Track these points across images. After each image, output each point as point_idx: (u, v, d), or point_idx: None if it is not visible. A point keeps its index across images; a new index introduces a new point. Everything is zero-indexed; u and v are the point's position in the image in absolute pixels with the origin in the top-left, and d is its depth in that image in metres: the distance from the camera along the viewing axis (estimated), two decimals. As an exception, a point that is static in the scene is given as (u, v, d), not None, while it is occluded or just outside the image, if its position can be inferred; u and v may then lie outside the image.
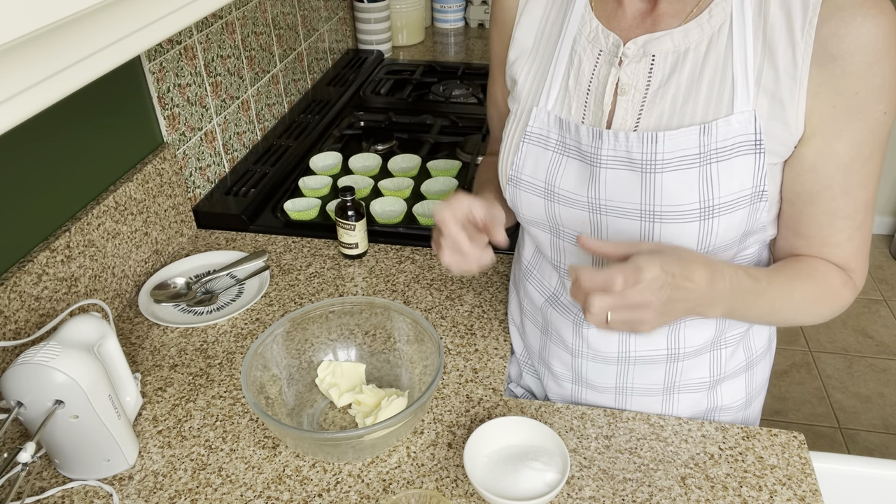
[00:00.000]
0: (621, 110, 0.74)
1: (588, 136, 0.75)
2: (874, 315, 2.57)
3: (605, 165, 0.74)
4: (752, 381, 0.92)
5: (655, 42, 0.72)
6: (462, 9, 2.41)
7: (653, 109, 0.72)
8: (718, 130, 0.69)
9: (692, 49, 0.71)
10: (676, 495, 0.79)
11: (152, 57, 1.16)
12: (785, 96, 0.68)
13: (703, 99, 0.71)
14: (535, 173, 0.80)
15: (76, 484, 0.83)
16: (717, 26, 0.70)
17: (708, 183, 0.71)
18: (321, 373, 0.94)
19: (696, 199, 0.71)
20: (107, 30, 0.50)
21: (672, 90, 0.72)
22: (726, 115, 0.69)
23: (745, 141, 0.70)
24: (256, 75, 1.54)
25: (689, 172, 0.71)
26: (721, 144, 0.70)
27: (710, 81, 0.70)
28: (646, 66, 0.73)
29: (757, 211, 0.73)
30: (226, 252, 1.22)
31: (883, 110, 0.68)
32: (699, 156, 0.70)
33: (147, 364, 1.01)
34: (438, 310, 1.09)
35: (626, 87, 0.74)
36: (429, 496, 0.76)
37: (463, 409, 0.92)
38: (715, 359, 0.88)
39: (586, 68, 0.76)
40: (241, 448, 0.87)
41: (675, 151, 0.71)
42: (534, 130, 0.80)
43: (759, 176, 0.71)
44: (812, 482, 0.81)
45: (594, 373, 0.90)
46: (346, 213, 1.15)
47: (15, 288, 0.90)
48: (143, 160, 1.17)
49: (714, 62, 0.70)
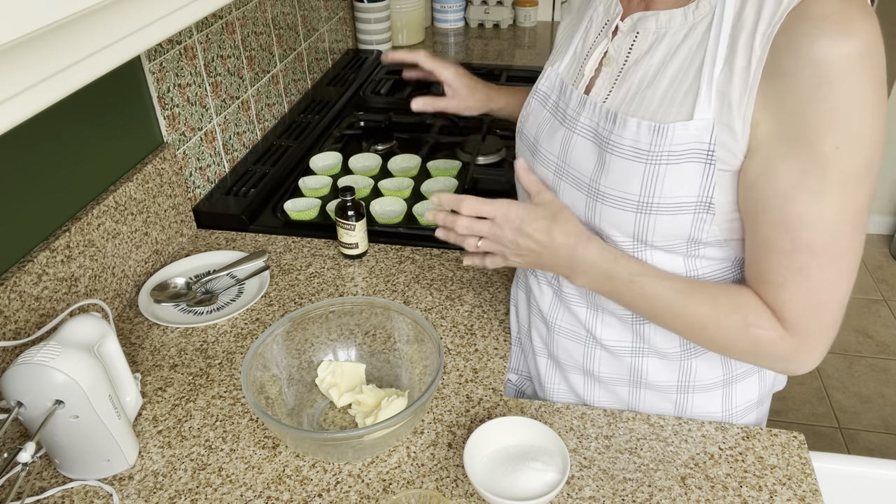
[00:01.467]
0: (601, 80, 0.77)
1: (576, 101, 0.79)
2: (874, 315, 2.57)
3: (578, 132, 0.78)
4: (731, 400, 0.88)
5: (644, 20, 0.74)
6: (462, 9, 2.41)
7: (622, 86, 0.75)
8: (675, 134, 0.68)
9: (670, 34, 0.71)
10: (676, 495, 0.79)
11: (152, 57, 1.16)
12: (734, 101, 0.65)
13: (662, 89, 0.70)
14: (532, 128, 0.86)
15: (76, 484, 0.83)
16: (699, 18, 0.69)
17: (651, 180, 0.70)
18: (321, 373, 0.94)
19: (636, 191, 0.71)
20: (107, 30, 0.50)
21: (641, 71, 0.73)
22: (685, 120, 0.68)
23: (698, 149, 0.68)
24: (256, 75, 1.54)
25: (636, 164, 0.71)
26: (675, 148, 0.69)
27: (675, 73, 0.70)
28: (629, 42, 0.75)
29: (703, 222, 0.72)
30: (226, 252, 1.22)
31: (833, 145, 0.62)
32: (648, 153, 0.70)
33: (147, 364, 1.01)
34: (438, 310, 1.09)
35: (610, 58, 0.77)
36: (429, 496, 0.76)
37: (463, 409, 0.92)
38: (686, 367, 0.86)
39: (591, 35, 0.81)
40: (241, 448, 0.87)
41: (625, 138, 0.72)
42: (541, 88, 0.86)
43: (706, 186, 0.69)
44: (812, 482, 0.81)
45: (563, 351, 0.92)
46: (346, 213, 1.15)
47: (15, 288, 0.90)
48: (143, 160, 1.17)
49: (685, 54, 0.70)
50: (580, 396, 0.94)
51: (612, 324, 0.86)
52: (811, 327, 0.70)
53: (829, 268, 0.67)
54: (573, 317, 0.89)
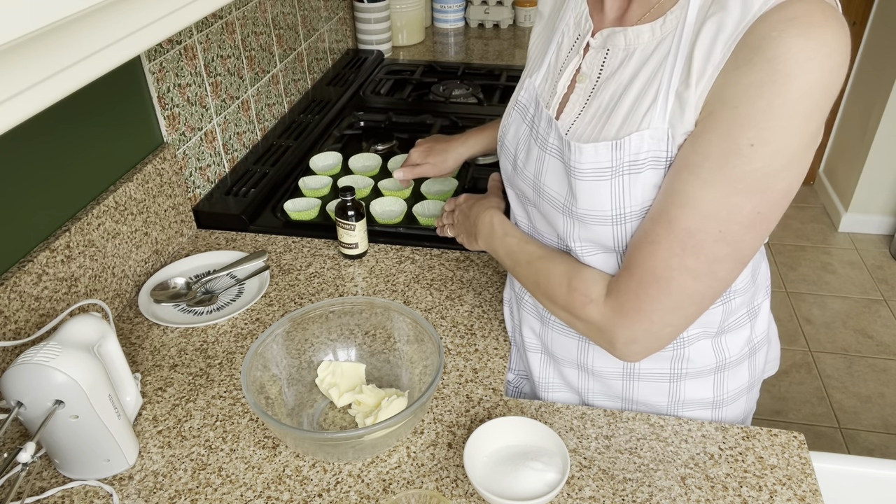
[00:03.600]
0: (575, 95, 0.77)
1: (545, 121, 0.79)
2: (874, 315, 2.57)
3: (549, 153, 0.78)
4: (722, 385, 0.89)
5: (613, 36, 0.73)
6: (462, 9, 2.41)
7: (593, 102, 0.75)
8: (631, 145, 0.69)
9: (639, 51, 0.71)
10: (676, 495, 0.79)
11: (152, 57, 1.16)
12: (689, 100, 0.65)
13: (627, 105, 0.70)
14: (512, 141, 0.86)
15: (76, 484, 0.83)
16: (665, 34, 0.69)
17: (619, 192, 0.71)
18: (321, 373, 0.94)
19: (608, 207, 0.72)
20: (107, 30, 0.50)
21: (612, 87, 0.73)
22: (639, 130, 0.68)
23: (656, 157, 0.68)
24: (256, 75, 1.54)
25: (602, 183, 0.71)
26: (632, 158, 0.69)
27: (640, 89, 0.70)
28: (601, 58, 0.75)
29: None
30: (226, 252, 1.22)
31: (749, 142, 0.60)
32: (611, 169, 0.71)
33: (147, 364, 1.01)
34: (438, 310, 1.09)
35: (583, 74, 0.76)
36: (429, 496, 0.76)
37: (463, 409, 0.92)
38: (678, 357, 0.86)
39: (564, 50, 0.81)
40: (241, 448, 0.87)
41: (586, 163, 0.72)
42: (521, 101, 0.85)
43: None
44: (812, 482, 0.81)
45: (559, 345, 0.92)
46: (346, 213, 1.15)
47: (15, 288, 0.90)
48: (143, 160, 1.17)
49: (650, 70, 0.69)
50: (574, 390, 0.95)
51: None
52: (628, 302, 0.71)
53: (677, 253, 0.66)
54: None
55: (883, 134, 2.78)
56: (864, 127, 2.88)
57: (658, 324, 0.71)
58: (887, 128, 2.76)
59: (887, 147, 2.81)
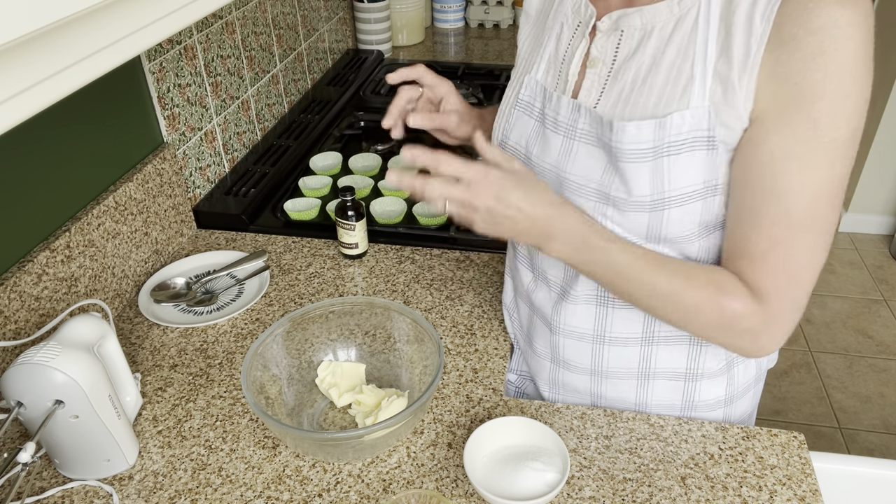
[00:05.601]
0: (588, 82, 0.76)
1: (567, 107, 0.77)
2: (874, 315, 2.57)
3: (579, 139, 0.76)
4: (734, 382, 0.90)
5: (627, 17, 0.73)
6: (462, 9, 2.41)
7: (614, 86, 0.74)
8: (673, 124, 0.69)
9: (658, 29, 0.71)
10: (676, 495, 0.79)
11: (152, 57, 1.16)
12: (735, 81, 0.67)
13: (659, 84, 0.71)
14: (519, 140, 0.84)
15: (76, 484, 0.83)
16: (685, 10, 0.70)
17: (660, 176, 0.71)
18: (321, 373, 0.94)
19: (647, 191, 0.72)
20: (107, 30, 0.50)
21: (633, 68, 0.73)
22: (681, 110, 0.69)
23: (698, 137, 0.69)
24: (256, 75, 1.54)
25: (643, 166, 0.71)
26: (674, 138, 0.70)
27: (670, 66, 0.70)
28: (615, 41, 0.74)
29: (713, 204, 0.73)
30: (226, 252, 1.22)
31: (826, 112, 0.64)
32: (653, 150, 0.71)
33: (147, 364, 1.01)
34: (438, 310, 1.09)
35: (594, 59, 0.76)
36: (429, 496, 0.76)
37: (463, 409, 0.92)
38: (694, 353, 0.86)
39: (565, 38, 0.80)
40: (241, 448, 0.87)
41: (629, 143, 0.71)
42: (524, 98, 0.83)
43: (710, 170, 0.71)
44: (812, 482, 0.81)
45: (571, 351, 0.91)
46: (346, 213, 1.15)
47: (15, 288, 0.90)
48: (143, 160, 1.17)
49: (676, 47, 0.70)
50: (587, 396, 0.94)
51: (622, 317, 0.85)
52: (783, 301, 0.71)
53: (807, 240, 0.69)
54: (580, 317, 0.88)
55: (883, 134, 2.78)
56: (864, 127, 2.87)
57: (799, 310, 0.73)
58: (887, 128, 2.76)
59: (887, 147, 2.81)
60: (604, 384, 0.91)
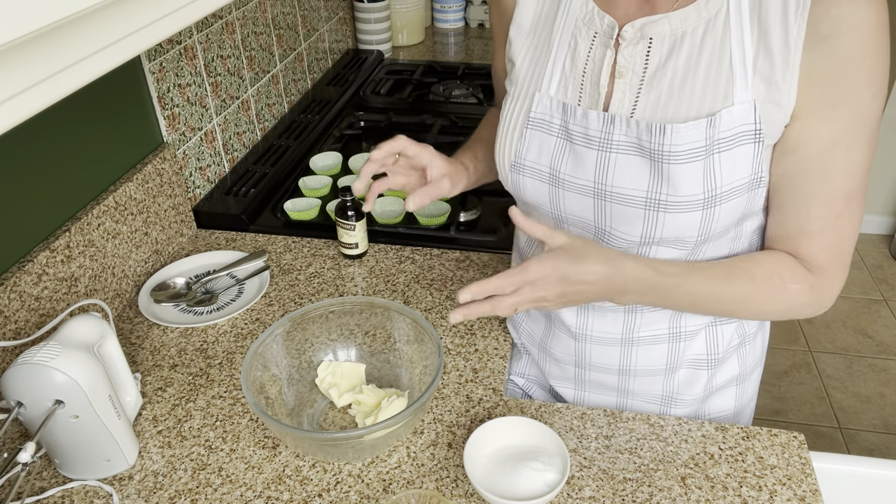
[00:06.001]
0: (619, 93, 0.75)
1: (598, 120, 0.76)
2: (874, 315, 2.57)
3: (616, 150, 0.75)
4: (745, 359, 0.94)
5: (653, 25, 0.73)
6: (462, 9, 2.41)
7: (650, 93, 0.74)
8: (722, 121, 0.71)
9: (689, 33, 0.72)
10: (676, 495, 0.79)
11: (152, 57, 1.16)
12: (779, 80, 0.69)
13: (700, 85, 0.72)
14: (539, 159, 0.81)
15: (76, 484, 0.83)
16: (713, 11, 0.71)
17: (711, 173, 0.72)
18: (321, 373, 0.94)
19: (700, 189, 0.73)
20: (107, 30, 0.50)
21: (669, 74, 0.73)
22: (727, 106, 0.71)
23: (745, 131, 0.71)
24: (256, 75, 1.54)
25: (695, 165, 0.72)
26: (723, 135, 0.71)
27: (707, 67, 0.71)
28: (643, 49, 0.74)
29: (755, 197, 0.75)
30: (226, 252, 1.22)
31: (872, 94, 0.69)
32: (705, 148, 0.72)
33: (147, 364, 1.01)
34: (438, 310, 1.09)
35: (623, 69, 0.75)
36: (429, 496, 0.76)
37: (463, 409, 0.92)
38: (711, 338, 0.89)
39: (582, 51, 0.78)
40: (241, 448, 0.87)
41: (682, 144, 0.72)
42: (537, 116, 0.80)
43: (757, 163, 0.73)
44: (812, 482, 0.81)
45: (598, 355, 0.91)
46: (346, 213, 1.15)
47: (15, 288, 0.90)
48: (143, 160, 1.17)
49: (711, 47, 0.71)
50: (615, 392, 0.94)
51: (650, 319, 0.86)
52: (837, 268, 0.77)
53: (857, 210, 0.75)
54: (608, 323, 0.88)
55: (883, 134, 2.78)
56: (864, 127, 2.88)
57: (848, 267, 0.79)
58: (887, 128, 2.76)
59: (887, 147, 2.81)
60: (632, 381, 0.92)
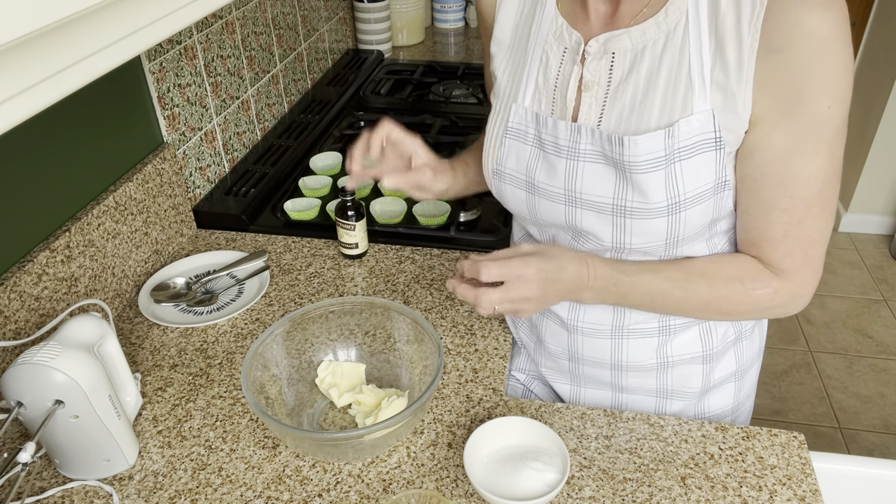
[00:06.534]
0: (585, 106, 0.78)
1: (567, 130, 0.78)
2: (874, 315, 2.57)
3: (583, 159, 0.78)
4: (742, 355, 0.94)
5: (615, 40, 0.75)
6: (462, 9, 2.41)
7: (614, 105, 0.76)
8: (681, 131, 0.72)
9: (649, 47, 0.73)
10: (676, 495, 0.79)
11: (152, 57, 1.16)
12: (734, 89, 0.70)
13: (660, 97, 0.73)
14: (517, 167, 0.84)
15: (76, 484, 0.83)
16: (672, 25, 0.72)
17: (673, 181, 0.74)
18: (321, 373, 0.94)
19: (663, 197, 0.74)
20: (107, 30, 0.50)
21: (631, 87, 0.75)
22: (686, 116, 0.72)
23: (705, 139, 0.72)
24: (256, 75, 1.54)
25: (656, 174, 0.73)
26: (683, 144, 0.72)
27: (667, 79, 0.73)
28: (607, 64, 0.76)
29: (722, 199, 0.77)
30: (226, 252, 1.22)
31: (827, 104, 0.69)
32: (665, 158, 0.73)
33: (147, 364, 1.01)
34: (438, 310, 1.09)
35: (589, 83, 0.77)
36: (429, 496, 0.76)
37: (463, 409, 0.92)
38: (706, 334, 0.90)
39: (553, 65, 0.80)
40: (241, 448, 0.87)
41: (641, 155, 0.73)
42: (513, 125, 0.84)
43: (720, 169, 0.74)
44: (812, 482, 0.81)
45: (590, 348, 0.92)
46: (346, 213, 1.15)
47: (15, 288, 0.90)
48: (143, 160, 1.17)
49: (670, 60, 0.73)
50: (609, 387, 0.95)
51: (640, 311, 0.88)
52: (805, 272, 0.78)
53: (820, 216, 0.75)
54: (598, 314, 0.89)
55: (883, 134, 2.78)
56: (864, 127, 2.87)
57: (819, 270, 0.80)
58: (887, 128, 2.76)
59: (887, 147, 2.81)
60: (625, 377, 0.93)
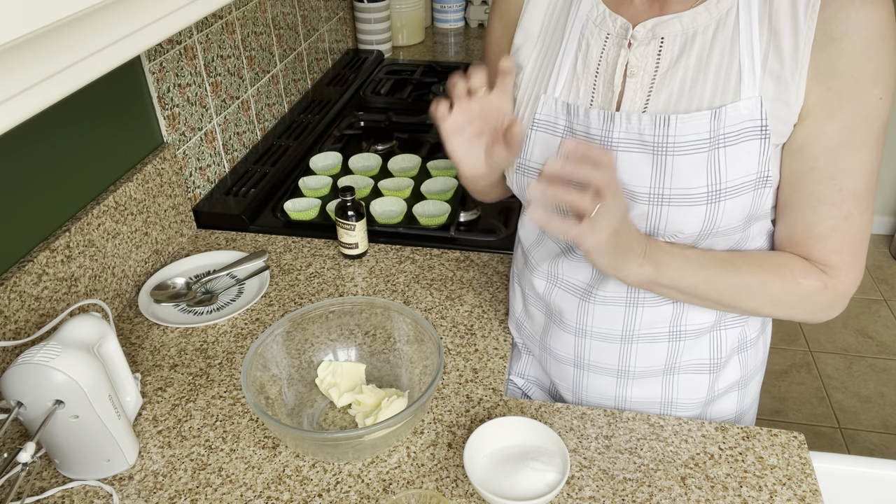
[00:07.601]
0: (630, 92, 0.76)
1: (598, 119, 0.77)
2: (874, 315, 2.57)
3: (616, 148, 0.77)
4: (746, 364, 0.94)
5: (664, 25, 0.74)
6: (462, 9, 2.41)
7: (661, 91, 0.75)
8: (727, 116, 0.72)
9: (700, 32, 0.73)
10: (676, 495, 0.79)
11: (152, 57, 1.16)
12: (788, 78, 0.70)
13: (710, 82, 0.73)
14: (542, 160, 0.82)
15: (76, 484, 0.83)
16: (724, 11, 0.72)
17: (715, 167, 0.73)
18: (321, 373, 0.94)
19: (703, 182, 0.73)
20: (107, 30, 0.50)
21: (680, 72, 0.74)
22: (734, 101, 0.72)
23: (751, 127, 0.72)
24: (256, 75, 1.54)
25: (699, 157, 0.73)
26: (729, 129, 0.72)
27: (718, 65, 0.73)
28: (655, 49, 0.75)
29: (762, 196, 0.76)
30: (226, 252, 1.22)
31: (879, 96, 0.70)
32: (709, 140, 0.73)
33: (147, 364, 1.01)
34: (438, 310, 1.09)
35: (635, 69, 0.76)
36: (429, 496, 0.76)
37: (463, 409, 0.92)
38: (715, 342, 0.89)
39: (594, 52, 0.79)
40: (241, 448, 0.87)
41: (686, 135, 0.73)
42: (542, 117, 0.82)
43: (763, 161, 0.73)
44: (812, 482, 0.81)
45: (597, 353, 0.90)
46: (346, 213, 1.15)
47: (15, 288, 0.90)
48: (143, 160, 1.17)
49: (721, 46, 0.73)
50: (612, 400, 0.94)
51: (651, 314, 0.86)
52: (851, 269, 0.78)
53: (866, 210, 0.75)
54: (608, 318, 0.88)
55: (883, 134, 2.78)
56: (864, 127, 2.88)
57: (862, 270, 0.79)
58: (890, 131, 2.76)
59: (887, 147, 2.81)
60: (630, 385, 0.91)
